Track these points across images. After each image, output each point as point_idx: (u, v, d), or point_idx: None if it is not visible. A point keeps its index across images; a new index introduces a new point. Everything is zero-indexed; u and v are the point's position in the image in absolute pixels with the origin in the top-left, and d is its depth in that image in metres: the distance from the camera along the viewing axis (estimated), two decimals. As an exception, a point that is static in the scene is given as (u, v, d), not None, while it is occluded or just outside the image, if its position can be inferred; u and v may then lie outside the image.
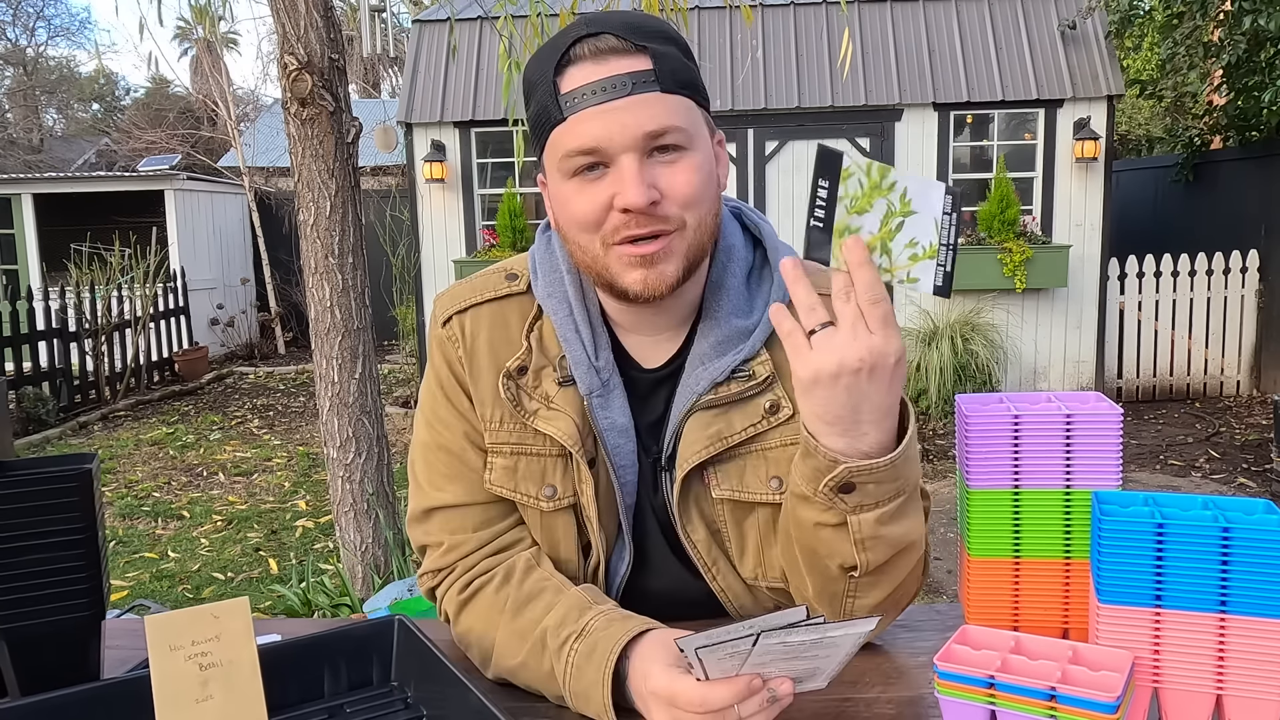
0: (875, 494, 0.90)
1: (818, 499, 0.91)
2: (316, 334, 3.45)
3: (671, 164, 0.96)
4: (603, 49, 0.96)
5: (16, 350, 7.88)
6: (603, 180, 0.96)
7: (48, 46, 25.89)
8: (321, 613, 3.34)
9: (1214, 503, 0.83)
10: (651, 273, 0.97)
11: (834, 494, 0.90)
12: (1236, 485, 5.56)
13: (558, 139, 0.97)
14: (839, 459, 0.88)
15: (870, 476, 0.89)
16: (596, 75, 0.95)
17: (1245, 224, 7.81)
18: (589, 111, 0.95)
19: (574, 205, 0.98)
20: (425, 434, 1.12)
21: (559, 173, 0.98)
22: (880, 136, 7.80)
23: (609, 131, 0.94)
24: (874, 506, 0.91)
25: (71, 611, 0.97)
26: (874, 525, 0.92)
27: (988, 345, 7.40)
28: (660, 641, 0.90)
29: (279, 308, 11.85)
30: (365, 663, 0.99)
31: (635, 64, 0.95)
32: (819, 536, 0.95)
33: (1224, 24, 7.32)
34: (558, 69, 0.97)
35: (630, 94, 0.94)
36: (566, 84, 0.96)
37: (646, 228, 0.96)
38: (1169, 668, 0.80)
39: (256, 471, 6.52)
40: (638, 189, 0.94)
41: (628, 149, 0.94)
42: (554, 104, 0.96)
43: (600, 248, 0.98)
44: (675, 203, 0.97)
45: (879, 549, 0.94)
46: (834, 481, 0.89)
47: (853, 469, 0.88)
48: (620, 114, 0.94)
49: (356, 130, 3.40)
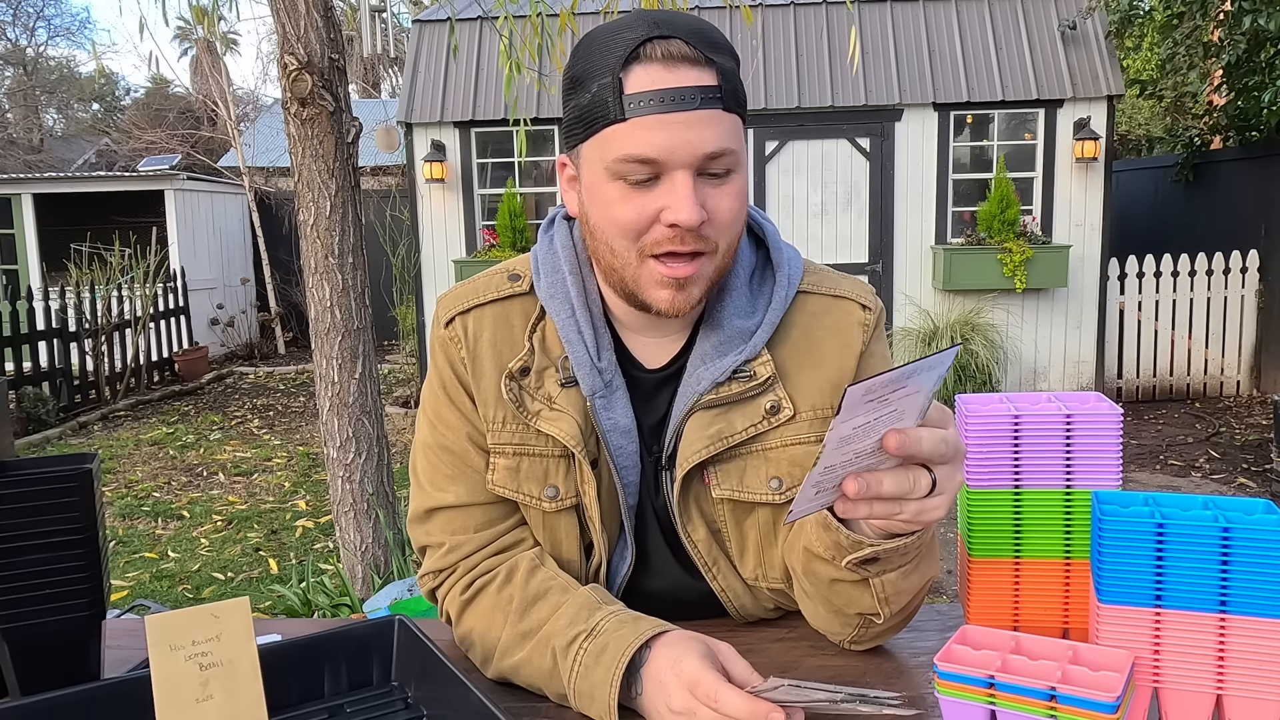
0: (901, 560, 0.91)
1: (837, 564, 0.92)
2: (316, 334, 3.45)
3: (720, 186, 0.96)
4: (675, 55, 0.93)
5: (16, 350, 7.88)
6: (652, 191, 0.95)
7: (48, 46, 25.90)
8: (321, 613, 3.34)
9: (1214, 503, 0.83)
10: (680, 295, 0.98)
11: (857, 566, 0.91)
12: (1236, 485, 5.56)
13: (613, 138, 0.95)
14: (864, 541, 0.88)
15: (898, 553, 0.89)
16: (666, 83, 0.93)
17: (1245, 224, 7.81)
18: (653, 119, 0.92)
19: (618, 210, 0.96)
20: (427, 434, 1.12)
21: (605, 171, 0.96)
22: (880, 136, 7.80)
23: (672, 145, 0.92)
24: (898, 567, 0.92)
25: (72, 611, 0.97)
26: (897, 582, 0.93)
27: (988, 345, 7.40)
28: (691, 635, 0.91)
29: (279, 308, 11.85)
30: (365, 663, 0.99)
31: (704, 77, 0.94)
32: (835, 589, 0.97)
33: (1224, 24, 7.32)
34: (624, 64, 0.94)
35: (697, 109, 0.93)
36: (633, 83, 0.93)
37: (689, 246, 0.95)
38: (1169, 668, 0.80)
39: (256, 471, 6.52)
40: (692, 208, 0.93)
41: (685, 165, 0.93)
42: (615, 100, 0.94)
43: (635, 257, 0.97)
44: (717, 226, 0.96)
45: (900, 599, 0.96)
46: (858, 559, 0.90)
47: (881, 549, 0.88)
48: (684, 129, 0.92)
49: (356, 130, 3.40)
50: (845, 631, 1.03)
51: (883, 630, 1.02)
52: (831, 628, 1.04)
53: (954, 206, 7.86)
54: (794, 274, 1.10)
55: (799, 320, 1.09)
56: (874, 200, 7.86)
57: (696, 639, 0.90)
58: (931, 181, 7.80)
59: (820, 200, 7.91)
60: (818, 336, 1.09)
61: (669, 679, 0.87)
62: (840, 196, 7.90)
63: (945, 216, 7.85)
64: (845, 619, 1.01)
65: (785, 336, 1.08)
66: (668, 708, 0.86)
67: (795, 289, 1.09)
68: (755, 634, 1.11)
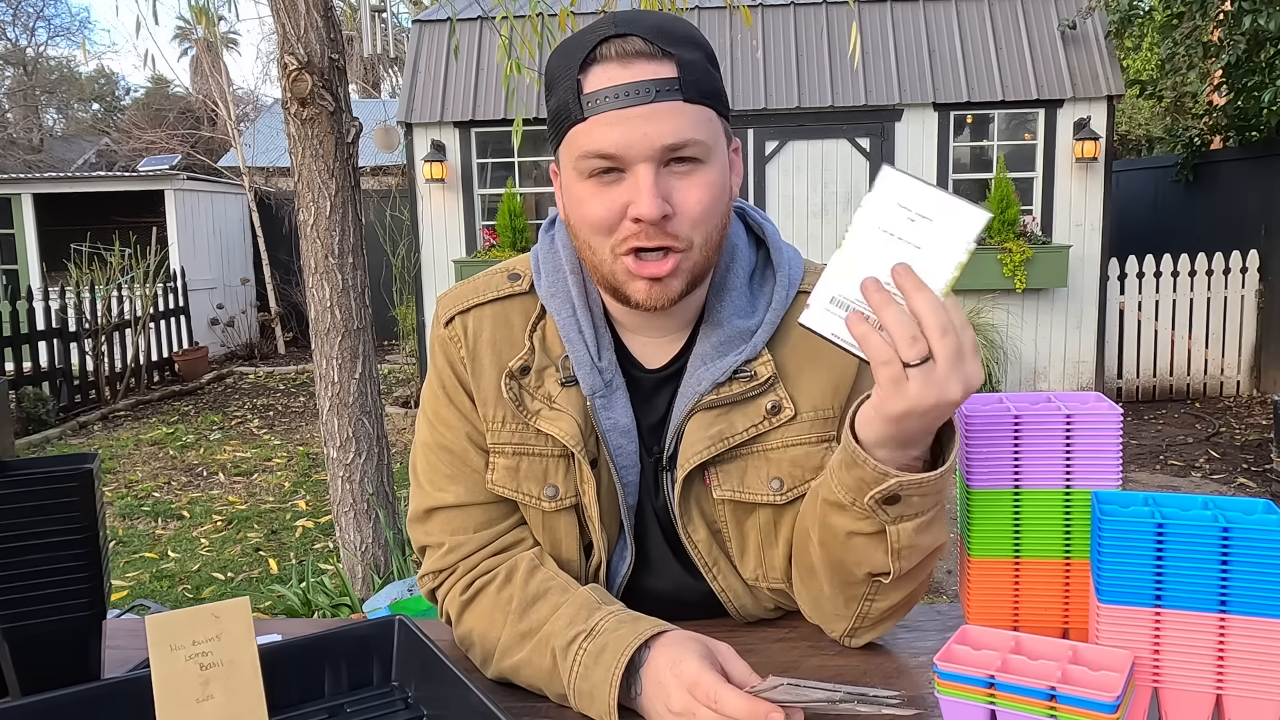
0: (919, 505, 0.90)
1: (857, 508, 0.91)
2: (316, 334, 3.45)
3: (686, 177, 0.96)
4: (629, 51, 0.95)
5: (16, 350, 7.88)
6: (618, 186, 0.96)
7: (48, 46, 25.91)
8: (321, 613, 3.34)
9: (1214, 503, 0.83)
10: (657, 286, 0.98)
11: (878, 505, 0.90)
12: (1236, 485, 5.56)
13: (576, 137, 0.97)
14: (890, 472, 0.87)
15: (919, 489, 0.88)
16: (620, 79, 0.94)
17: (1245, 224, 7.81)
18: (609, 115, 0.94)
19: (588, 207, 0.98)
20: (427, 434, 1.12)
21: (574, 171, 0.98)
22: (880, 136, 7.80)
23: (628, 139, 0.94)
24: (914, 517, 0.91)
25: (72, 611, 0.97)
26: (911, 535, 0.92)
27: (988, 345, 7.40)
28: (690, 635, 0.91)
29: (279, 308, 11.85)
30: (366, 663, 0.99)
31: (660, 70, 0.95)
32: (850, 544, 0.96)
33: (1224, 24, 7.32)
34: (582, 66, 0.96)
35: (653, 101, 0.94)
36: (590, 83, 0.95)
37: (655, 241, 0.96)
38: (1169, 668, 0.80)
39: (256, 471, 6.52)
40: (651, 201, 0.93)
41: (645, 159, 0.94)
42: (575, 101, 0.96)
43: (610, 254, 0.98)
44: (685, 220, 0.96)
45: (912, 556, 0.95)
46: (881, 494, 0.88)
47: (905, 483, 0.87)
48: (641, 122, 0.93)
49: (356, 130, 3.40)
50: (848, 610, 1.02)
51: (884, 612, 1.01)
52: (835, 608, 1.03)
53: (954, 206, 7.85)
54: (794, 274, 1.10)
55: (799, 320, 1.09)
56: (874, 200, 7.85)
57: (696, 639, 0.90)
58: (932, 182, 7.79)
59: (820, 200, 7.91)
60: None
61: (668, 679, 0.87)
62: (840, 196, 7.90)
63: (945, 216, 7.84)
64: (851, 590, 1.00)
65: (786, 337, 1.08)
66: (667, 708, 0.86)
67: (796, 289, 1.09)
68: (755, 634, 1.11)
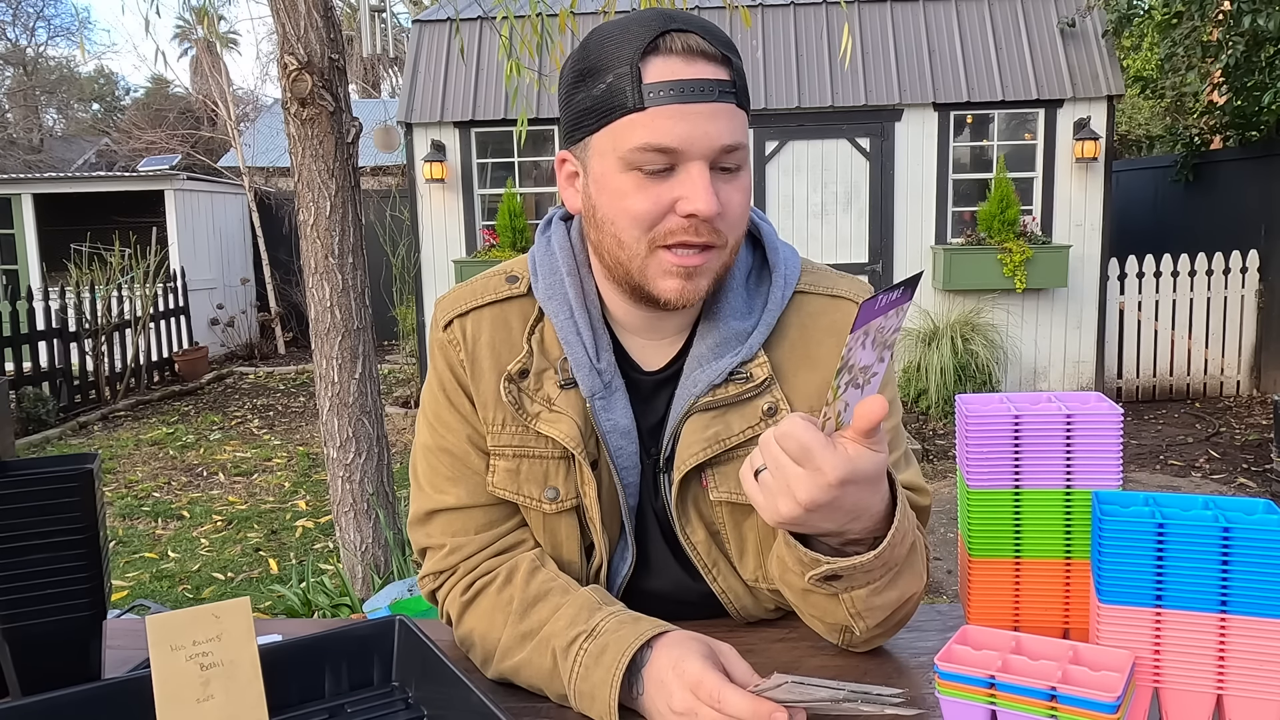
0: (864, 578, 0.91)
1: (805, 580, 0.93)
2: (316, 334, 3.45)
3: (731, 180, 0.97)
4: (693, 48, 0.94)
5: (16, 350, 7.88)
6: (667, 181, 0.95)
7: (48, 46, 25.90)
8: (321, 613, 3.34)
9: (1214, 503, 0.83)
10: (689, 284, 0.98)
11: (822, 582, 0.92)
12: (1236, 485, 5.56)
13: (630, 127, 0.94)
14: (819, 559, 0.89)
15: (854, 571, 0.89)
16: (686, 74, 0.93)
17: (1245, 224, 7.81)
18: (673, 109, 0.93)
19: (632, 201, 0.96)
20: (427, 436, 1.12)
21: (620, 161, 0.96)
22: (880, 136, 7.80)
23: (691, 135, 0.93)
24: (865, 585, 0.92)
25: (72, 611, 0.97)
26: (867, 598, 0.93)
27: (988, 345, 7.40)
28: (691, 635, 0.91)
29: (279, 308, 11.85)
30: (366, 663, 0.99)
31: (719, 72, 0.95)
32: (810, 599, 0.97)
33: (1223, 24, 7.32)
34: (644, 55, 0.94)
35: (716, 101, 0.94)
36: (652, 73, 0.93)
37: (703, 237, 0.96)
38: (1169, 668, 0.80)
39: (256, 471, 6.52)
40: (710, 198, 0.93)
41: (702, 156, 0.94)
42: (633, 90, 0.94)
43: (645, 248, 0.98)
44: (729, 220, 0.98)
45: (875, 615, 0.96)
46: (818, 575, 0.90)
47: (839, 568, 0.89)
48: (703, 120, 0.93)
49: (356, 130, 3.40)
50: (832, 636, 1.04)
51: (869, 638, 1.02)
52: (819, 630, 1.05)
53: (954, 206, 7.86)
54: (791, 274, 1.10)
55: (796, 321, 1.09)
56: (874, 200, 7.86)
57: (697, 639, 0.90)
58: (931, 181, 7.80)
59: (820, 200, 7.91)
60: (815, 337, 1.08)
61: (670, 679, 0.87)
62: (840, 196, 7.90)
63: (945, 216, 7.85)
64: (827, 626, 1.02)
65: (782, 337, 1.08)
66: (669, 708, 0.86)
67: (792, 289, 1.09)
68: (756, 634, 1.11)
